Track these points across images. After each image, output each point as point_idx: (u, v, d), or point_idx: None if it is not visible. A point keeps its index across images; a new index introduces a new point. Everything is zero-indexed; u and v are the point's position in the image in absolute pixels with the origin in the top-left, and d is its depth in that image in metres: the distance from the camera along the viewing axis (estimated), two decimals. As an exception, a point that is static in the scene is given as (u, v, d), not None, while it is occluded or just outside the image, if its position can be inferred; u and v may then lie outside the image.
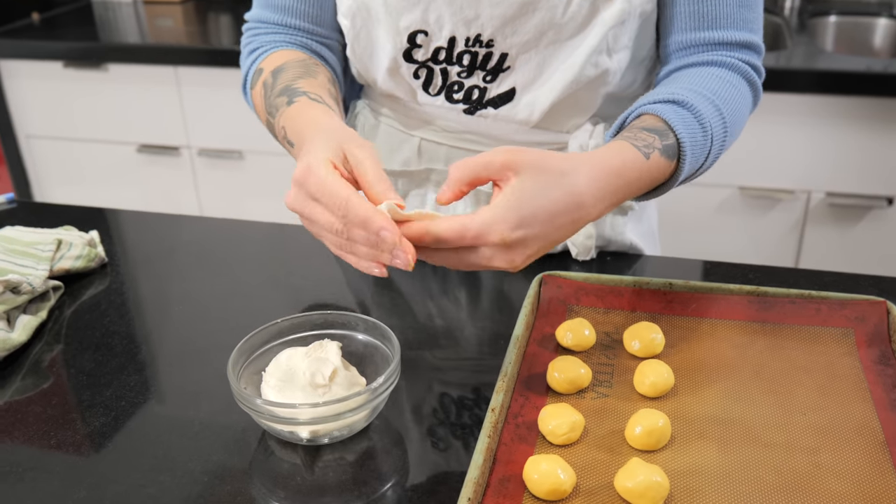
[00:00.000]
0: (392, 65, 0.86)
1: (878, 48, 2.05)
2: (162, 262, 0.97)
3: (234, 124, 2.04)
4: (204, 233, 1.05)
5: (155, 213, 1.12)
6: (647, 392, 0.70)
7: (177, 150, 2.12)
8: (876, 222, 1.75)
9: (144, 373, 0.77)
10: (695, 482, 0.61)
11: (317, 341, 0.71)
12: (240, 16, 2.27)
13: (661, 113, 0.75)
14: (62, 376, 0.77)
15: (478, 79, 0.85)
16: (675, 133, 0.74)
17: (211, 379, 0.76)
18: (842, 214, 1.76)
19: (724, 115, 0.78)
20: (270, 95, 0.82)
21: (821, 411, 0.68)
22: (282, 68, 0.84)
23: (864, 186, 1.72)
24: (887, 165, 1.69)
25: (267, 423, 0.66)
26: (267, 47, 0.89)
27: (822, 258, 1.81)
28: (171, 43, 2.07)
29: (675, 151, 0.74)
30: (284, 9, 0.90)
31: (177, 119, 2.07)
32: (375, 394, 0.64)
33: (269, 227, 1.06)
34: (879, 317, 0.76)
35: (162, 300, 0.90)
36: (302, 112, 0.76)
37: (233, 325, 0.85)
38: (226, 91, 2.00)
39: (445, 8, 0.80)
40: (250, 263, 0.97)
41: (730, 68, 0.82)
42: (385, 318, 0.86)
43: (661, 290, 0.81)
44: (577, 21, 0.80)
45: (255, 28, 0.92)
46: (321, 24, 0.91)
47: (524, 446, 0.65)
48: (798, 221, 1.79)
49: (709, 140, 0.77)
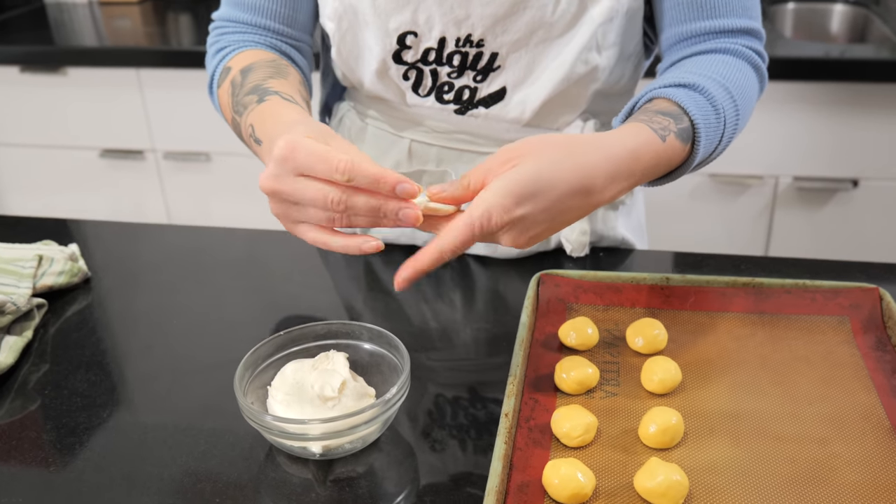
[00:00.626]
0: (381, 67, 0.85)
1: (834, 34, 2.09)
2: (146, 274, 0.95)
3: (200, 126, 2.01)
4: (185, 242, 1.03)
5: (134, 224, 1.09)
6: (655, 389, 0.70)
7: (141, 154, 2.07)
8: (842, 204, 1.78)
9: (141, 391, 0.75)
10: (712, 479, 0.61)
11: (323, 353, 0.70)
12: (200, 16, 2.23)
13: (674, 97, 0.74)
14: (55, 398, 0.74)
15: (468, 79, 0.84)
16: (690, 116, 0.73)
17: (212, 395, 0.74)
18: (809, 198, 1.79)
19: (735, 99, 0.77)
20: (239, 94, 0.79)
21: (826, 401, 0.69)
22: (251, 67, 0.81)
23: (829, 170, 1.75)
24: (851, 148, 1.72)
25: (277, 440, 0.65)
26: (235, 46, 0.86)
27: (791, 241, 1.84)
28: (131, 45, 2.02)
29: (690, 135, 0.73)
30: (255, 8, 0.87)
31: (140, 122, 2.03)
32: (389, 404, 0.64)
33: (251, 233, 1.04)
34: (872, 303, 0.78)
35: (151, 314, 0.87)
36: (274, 110, 0.72)
37: (228, 337, 0.83)
38: (190, 92, 1.96)
39: (436, 8, 0.79)
40: (236, 272, 0.95)
41: (734, 54, 0.81)
42: (379, 322, 0.85)
43: (659, 285, 0.82)
44: (566, 19, 0.79)
45: (223, 27, 0.89)
46: (293, 25, 0.89)
47: (539, 450, 0.65)
48: (767, 206, 1.81)
49: (722, 123, 0.76)
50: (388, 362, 0.70)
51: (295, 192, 0.60)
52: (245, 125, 0.75)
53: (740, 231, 1.85)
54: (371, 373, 0.71)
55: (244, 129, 0.76)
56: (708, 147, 0.76)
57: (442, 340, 0.83)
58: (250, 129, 0.74)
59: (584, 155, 0.62)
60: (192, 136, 2.04)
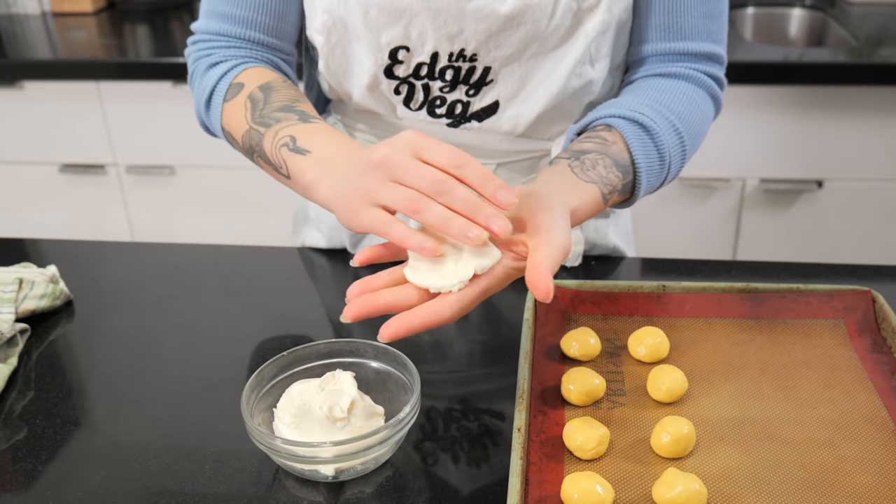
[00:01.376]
0: (372, 81, 0.84)
1: (793, 37, 2.13)
2: (130, 294, 0.93)
3: (164, 138, 1.97)
4: (165, 260, 1.01)
5: (111, 242, 1.06)
6: (662, 398, 0.70)
7: (102, 169, 2.03)
8: (808, 205, 1.82)
9: (138, 416, 0.73)
10: (728, 487, 0.62)
11: (329, 372, 0.68)
12: (157, 26, 2.19)
13: (630, 141, 0.76)
14: (47, 427, 0.72)
15: (460, 93, 0.84)
16: (636, 172, 0.76)
17: (212, 417, 0.72)
18: (775, 199, 1.82)
19: (684, 142, 0.80)
20: (264, 108, 0.78)
21: (830, 404, 0.70)
22: (271, 86, 0.81)
23: (795, 171, 1.79)
24: (816, 150, 1.76)
25: (287, 463, 0.63)
26: (236, 62, 0.85)
27: (758, 242, 1.87)
28: (89, 57, 1.98)
29: (631, 188, 0.77)
30: (243, 21, 0.86)
31: (101, 136, 1.98)
32: (402, 424, 0.63)
33: (233, 249, 1.02)
34: (866, 306, 0.79)
35: (140, 336, 0.85)
36: (331, 132, 0.73)
37: (222, 357, 0.81)
38: (152, 104, 1.92)
39: (429, 23, 0.79)
40: (221, 289, 0.93)
41: (695, 82, 0.83)
42: (370, 337, 0.84)
43: (656, 293, 0.82)
44: (560, 33, 0.79)
45: (209, 40, 0.87)
46: (281, 37, 0.88)
47: (553, 464, 0.64)
48: (735, 208, 1.84)
49: (665, 171, 0.80)
50: (395, 379, 0.70)
51: (407, 165, 0.59)
52: (277, 137, 0.74)
53: (709, 233, 1.88)
54: (377, 390, 0.70)
55: (271, 139, 0.75)
56: (645, 191, 0.79)
57: (434, 353, 0.82)
58: (287, 139, 0.73)
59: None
60: (156, 150, 2.00)
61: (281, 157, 0.74)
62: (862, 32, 1.85)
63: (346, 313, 0.60)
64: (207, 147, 2.00)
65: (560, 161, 0.72)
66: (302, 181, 0.71)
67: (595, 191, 0.71)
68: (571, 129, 0.80)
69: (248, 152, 0.80)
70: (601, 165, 0.72)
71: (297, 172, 0.72)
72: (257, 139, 0.77)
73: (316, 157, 0.70)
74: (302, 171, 0.71)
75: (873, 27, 1.90)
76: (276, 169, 0.75)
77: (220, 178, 2.01)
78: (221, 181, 2.01)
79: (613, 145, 0.75)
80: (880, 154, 1.75)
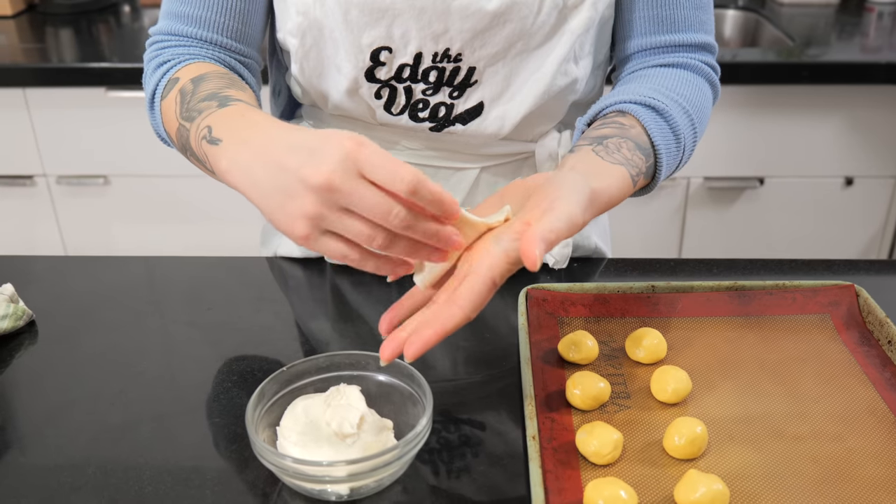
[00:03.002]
0: (351, 85, 0.81)
1: (728, 38, 2.19)
2: (96, 312, 0.88)
3: (97, 147, 1.89)
4: (129, 274, 0.96)
5: (69, 257, 1.01)
6: (668, 399, 0.70)
7: (31, 180, 1.93)
8: (750, 202, 1.86)
9: (125, 442, 0.69)
10: (745, 486, 0.62)
11: (333, 387, 0.66)
12: (82, 30, 2.10)
13: (647, 124, 0.75)
14: (27, 459, 0.67)
15: (444, 95, 0.82)
16: (657, 154, 0.75)
17: (204, 438, 0.69)
18: (719, 197, 1.87)
19: (694, 124, 0.80)
20: (190, 101, 0.72)
21: (829, 398, 0.71)
22: (203, 77, 0.75)
23: (737, 169, 1.83)
24: (757, 148, 1.81)
25: (297, 483, 0.60)
26: (181, 59, 0.80)
27: (703, 239, 1.91)
28: (14, 62, 1.88)
29: (653, 172, 0.76)
30: (203, 22, 0.82)
31: (29, 145, 1.89)
32: (419, 437, 0.61)
33: (199, 261, 0.98)
34: (850, 300, 0.81)
35: (114, 355, 0.81)
36: (244, 113, 0.66)
37: (205, 375, 0.77)
38: (84, 112, 1.84)
39: (412, 23, 0.77)
40: (194, 303, 0.89)
41: (692, 70, 0.83)
42: (349, 346, 0.81)
43: (645, 293, 0.82)
44: (545, 30, 0.79)
45: (163, 41, 0.83)
46: (243, 40, 0.84)
47: (569, 471, 0.63)
48: (680, 207, 1.88)
49: (681, 153, 0.80)
50: (400, 391, 0.67)
51: (353, 194, 0.53)
52: (197, 128, 0.68)
53: (655, 232, 1.91)
54: (381, 403, 0.68)
55: (195, 133, 0.68)
56: (665, 174, 0.79)
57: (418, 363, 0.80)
58: (205, 131, 0.66)
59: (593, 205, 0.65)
60: (88, 158, 1.92)
61: (203, 150, 0.67)
62: (795, 32, 1.91)
63: (383, 356, 0.59)
64: (143, 155, 1.94)
65: (582, 147, 0.70)
66: (219, 174, 0.64)
67: (624, 172, 0.69)
68: (581, 121, 0.79)
69: (183, 152, 0.74)
70: (625, 148, 0.71)
71: (214, 165, 0.65)
72: (185, 136, 0.71)
73: (227, 144, 0.63)
74: (215, 162, 0.64)
75: (803, 27, 1.96)
76: (203, 164, 0.69)
77: (157, 187, 1.94)
78: (159, 190, 1.94)
79: (632, 129, 0.74)
80: (818, 150, 1.80)
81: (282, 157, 0.56)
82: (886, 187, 1.84)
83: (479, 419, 0.71)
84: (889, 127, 1.77)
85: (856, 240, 1.91)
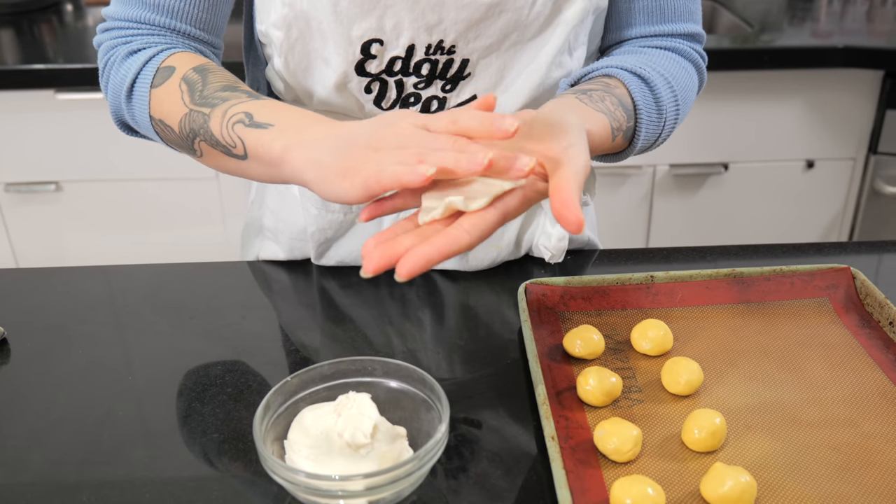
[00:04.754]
0: (341, 79, 0.78)
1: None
2: (70, 326, 0.83)
3: (47, 152, 1.82)
4: (100, 284, 0.91)
5: (32, 269, 0.96)
6: (681, 391, 0.69)
7: (-23, 189, 1.85)
8: (716, 187, 1.88)
9: (119, 463, 0.65)
10: (769, 476, 0.61)
11: (342, 395, 0.63)
12: (24, 31, 2.02)
13: (631, 87, 0.76)
14: (14, 483, 0.63)
15: (436, 89, 0.80)
16: (637, 117, 0.76)
17: (202, 457, 0.66)
18: (684, 183, 1.87)
19: (678, 101, 0.80)
20: (204, 90, 0.71)
21: (838, 383, 0.71)
22: (207, 68, 0.73)
23: (702, 156, 1.84)
24: (719, 135, 1.82)
25: (311, 499, 0.58)
26: (161, 48, 0.76)
27: (670, 226, 1.92)
28: (-45, 67, 1.80)
29: (631, 136, 0.77)
30: (170, 10, 0.77)
31: (-26, 153, 1.81)
32: (439, 445, 0.58)
33: (173, 267, 0.94)
34: (847, 282, 0.81)
35: (99, 372, 0.76)
36: (290, 106, 0.68)
37: (197, 387, 0.74)
38: (32, 116, 1.77)
39: (405, 13, 0.74)
40: (174, 312, 0.85)
41: (681, 54, 0.84)
42: (340, 351, 0.79)
43: (645, 284, 0.81)
44: (540, 21, 0.77)
45: (127, 28, 0.78)
46: (212, 31, 0.81)
47: (591, 470, 0.62)
48: (647, 194, 1.88)
49: (661, 124, 0.80)
50: (411, 396, 0.65)
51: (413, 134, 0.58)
52: (227, 115, 0.67)
53: (623, 220, 1.91)
54: (391, 410, 0.65)
55: (221, 118, 0.68)
56: (642, 147, 0.80)
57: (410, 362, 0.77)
58: (242, 116, 0.66)
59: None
60: (37, 164, 1.84)
61: (235, 135, 0.66)
62: (751, 18, 1.93)
63: (366, 266, 0.53)
64: (96, 159, 1.87)
65: (566, 95, 0.71)
66: (267, 156, 0.64)
67: (606, 121, 0.70)
68: (565, 82, 0.79)
69: (185, 139, 0.72)
70: (608, 101, 0.72)
71: (261, 147, 0.65)
72: (201, 121, 0.69)
73: (281, 128, 0.64)
74: (267, 144, 0.64)
75: (757, 13, 1.98)
76: (226, 150, 0.68)
77: (112, 193, 1.88)
78: (114, 196, 1.88)
79: (616, 88, 0.75)
80: (780, 135, 1.82)
81: (350, 135, 0.60)
82: (846, 169, 1.87)
83: (486, 419, 0.69)
84: (847, 109, 1.80)
85: (819, 221, 1.93)
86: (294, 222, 0.91)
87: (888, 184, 1.81)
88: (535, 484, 0.63)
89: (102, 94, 0.81)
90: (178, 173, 1.84)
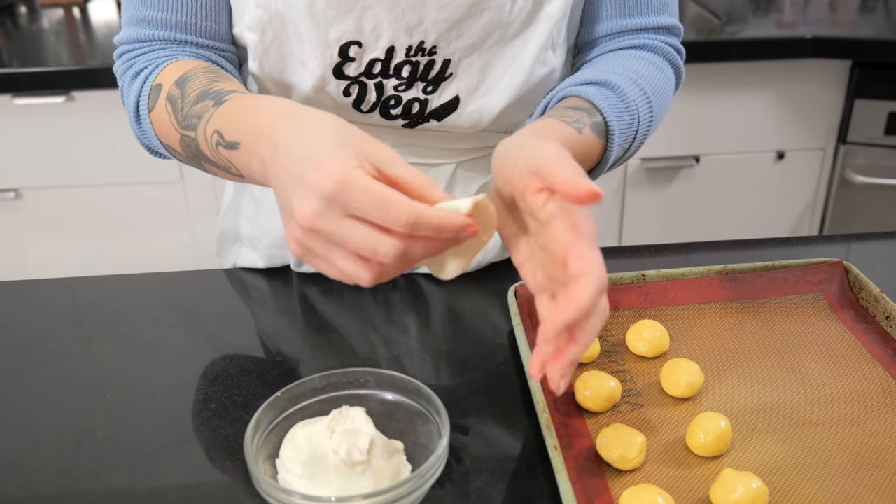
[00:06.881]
0: (318, 83, 0.75)
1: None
2: (44, 342, 0.79)
3: (5, 159, 1.76)
4: (70, 297, 0.87)
5: (-2, 283, 0.91)
6: (682, 394, 0.67)
7: (-68, 197, 1.78)
8: (687, 181, 1.87)
9: (103, 488, 0.62)
10: (778, 480, 0.59)
11: (335, 410, 0.60)
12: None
13: (585, 94, 0.74)
14: (-12, 517, 0.60)
15: (417, 91, 0.77)
16: (601, 111, 0.73)
17: (190, 477, 0.62)
18: (656, 176, 1.87)
19: (649, 95, 0.78)
20: (183, 107, 0.68)
21: (839, 380, 0.69)
22: (187, 77, 0.70)
23: (673, 149, 1.84)
24: (690, 127, 1.82)
25: (309, 521, 0.55)
26: (157, 63, 0.74)
27: (642, 219, 1.91)
28: None
29: (604, 129, 0.73)
30: (172, 25, 0.75)
31: (-72, 161, 1.74)
32: (440, 460, 0.56)
33: (148, 277, 0.91)
34: (840, 277, 0.80)
35: (76, 391, 0.72)
36: (246, 105, 0.62)
37: (178, 404, 0.70)
38: (-12, 122, 1.71)
39: (385, 15, 0.71)
40: (150, 325, 0.81)
41: (654, 51, 0.82)
42: (324, 358, 0.76)
43: (636, 283, 0.79)
44: (522, 18, 0.75)
45: (133, 50, 0.77)
46: (216, 37, 0.78)
47: (596, 480, 0.60)
48: (619, 187, 1.87)
49: (635, 120, 0.77)
50: (406, 408, 0.62)
51: (340, 236, 0.50)
52: (205, 136, 0.64)
53: (595, 214, 1.89)
54: (386, 423, 0.62)
55: (204, 141, 0.65)
56: (623, 143, 0.76)
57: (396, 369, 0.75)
58: (215, 136, 0.63)
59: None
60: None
61: (222, 157, 0.64)
62: (718, 10, 1.93)
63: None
64: (56, 165, 1.81)
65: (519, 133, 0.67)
66: (253, 176, 0.61)
67: (558, 122, 0.68)
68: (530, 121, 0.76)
69: (194, 161, 0.70)
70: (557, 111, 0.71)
71: (245, 168, 0.62)
72: (194, 147, 0.67)
73: (250, 148, 0.60)
74: (246, 165, 0.61)
75: (723, 5, 1.98)
76: (226, 170, 0.66)
77: (73, 199, 1.82)
78: (76, 202, 1.82)
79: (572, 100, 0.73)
80: (750, 126, 1.82)
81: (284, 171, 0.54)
82: (815, 159, 1.88)
83: (480, 428, 0.67)
84: (815, 100, 1.80)
85: (790, 211, 1.94)
86: (272, 230, 0.88)
87: (858, 173, 1.82)
88: (537, 496, 0.60)
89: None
90: (142, 177, 1.79)
